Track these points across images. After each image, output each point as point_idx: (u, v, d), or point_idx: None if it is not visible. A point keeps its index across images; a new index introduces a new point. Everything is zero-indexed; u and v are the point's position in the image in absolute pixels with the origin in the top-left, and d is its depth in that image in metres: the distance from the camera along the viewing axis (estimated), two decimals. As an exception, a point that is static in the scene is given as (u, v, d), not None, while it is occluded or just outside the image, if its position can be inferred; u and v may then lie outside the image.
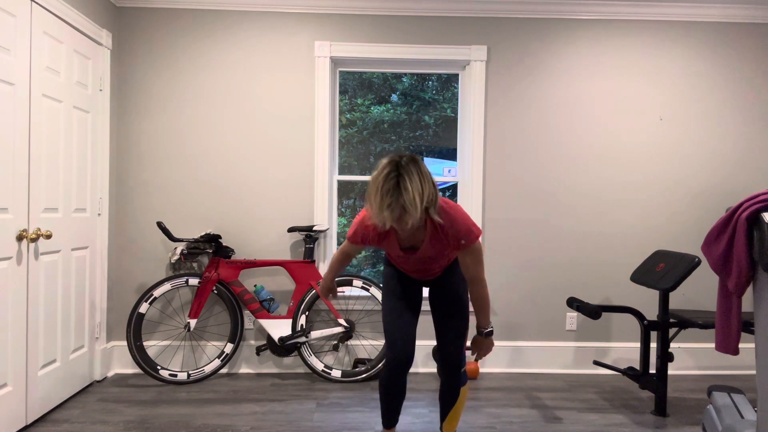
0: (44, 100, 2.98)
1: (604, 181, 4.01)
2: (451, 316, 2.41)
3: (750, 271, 2.00)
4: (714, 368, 4.06)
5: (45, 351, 3.03)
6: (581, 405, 3.35)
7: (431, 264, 2.38)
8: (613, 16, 3.96)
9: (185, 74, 3.87)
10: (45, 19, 2.97)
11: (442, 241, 2.24)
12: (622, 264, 4.03)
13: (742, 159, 4.04)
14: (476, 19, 3.95)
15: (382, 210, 1.98)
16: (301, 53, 3.90)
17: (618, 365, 4.01)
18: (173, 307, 3.89)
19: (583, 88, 3.99)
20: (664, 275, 3.14)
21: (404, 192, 1.96)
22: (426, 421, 3.04)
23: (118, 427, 2.92)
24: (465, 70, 4.04)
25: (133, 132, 3.86)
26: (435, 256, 2.31)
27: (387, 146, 4.18)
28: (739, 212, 1.99)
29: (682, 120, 4.02)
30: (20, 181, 2.77)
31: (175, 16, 3.85)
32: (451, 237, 2.21)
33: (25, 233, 2.78)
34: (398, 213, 1.99)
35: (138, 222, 3.87)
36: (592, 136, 4.00)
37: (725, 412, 2.36)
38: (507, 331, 4.02)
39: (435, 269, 2.42)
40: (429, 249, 2.26)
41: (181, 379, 3.61)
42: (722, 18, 3.98)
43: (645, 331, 3.19)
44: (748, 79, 4.02)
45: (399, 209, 1.98)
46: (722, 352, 2.12)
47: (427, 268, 2.40)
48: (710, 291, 4.06)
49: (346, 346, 3.94)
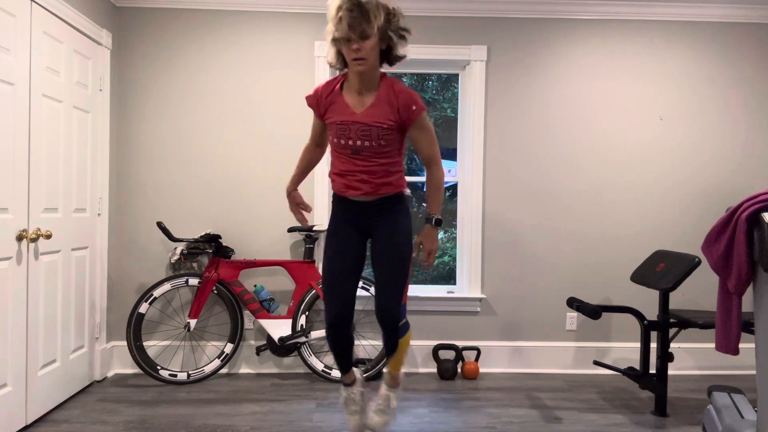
0: (44, 100, 2.98)
1: (604, 181, 4.01)
2: (390, 269, 2.34)
3: (750, 271, 2.00)
4: (714, 368, 4.06)
5: (45, 351, 3.03)
6: (581, 405, 3.35)
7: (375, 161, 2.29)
8: (613, 16, 3.96)
9: (185, 74, 3.87)
10: (45, 19, 2.97)
11: (392, 105, 2.21)
12: (622, 264, 4.03)
13: (742, 159, 4.04)
14: (476, 19, 3.95)
15: (338, 11, 2.04)
16: (301, 53, 3.90)
17: (618, 365, 4.01)
18: (173, 307, 3.89)
19: (583, 88, 3.99)
20: (664, 275, 3.14)
21: (364, 7, 2.02)
22: (426, 421, 3.04)
23: (118, 427, 2.92)
24: (465, 70, 4.04)
25: (133, 132, 3.86)
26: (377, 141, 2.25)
27: (387, 146, 4.17)
28: (739, 212, 1.99)
29: (682, 120, 4.02)
30: (20, 181, 2.77)
31: (175, 16, 3.85)
32: (401, 102, 2.20)
33: (25, 233, 2.78)
34: (357, 22, 2.02)
35: (138, 222, 3.87)
36: (592, 136, 4.00)
37: (725, 412, 2.36)
38: (507, 331, 4.02)
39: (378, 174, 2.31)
40: (373, 114, 2.21)
41: (181, 379, 3.61)
42: (722, 18, 3.98)
43: (645, 331, 3.19)
44: (748, 79, 4.02)
45: (357, 23, 2.01)
46: (722, 352, 2.12)
47: (371, 170, 2.30)
48: (710, 291, 4.06)
49: (346, 346, 3.94)
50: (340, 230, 2.41)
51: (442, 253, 4.19)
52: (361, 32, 2.05)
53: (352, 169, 2.32)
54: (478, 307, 3.99)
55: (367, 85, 2.24)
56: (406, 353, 2.57)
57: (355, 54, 2.11)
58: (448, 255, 4.19)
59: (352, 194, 2.35)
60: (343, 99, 2.28)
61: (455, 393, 3.53)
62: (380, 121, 2.22)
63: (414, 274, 4.19)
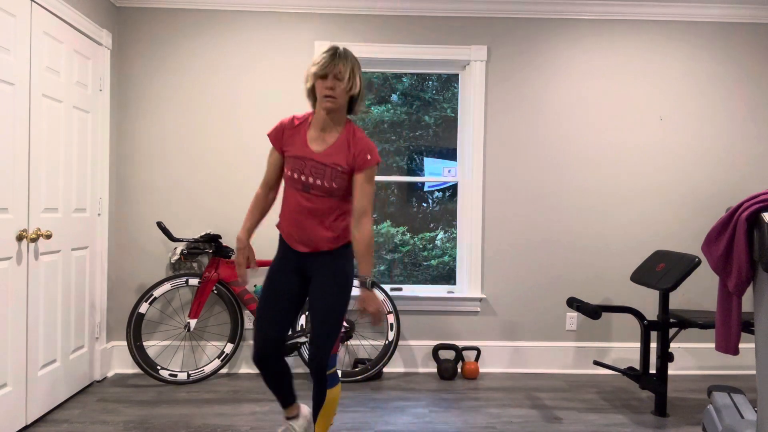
0: (44, 100, 2.98)
1: (604, 181, 4.01)
2: (322, 321, 2.34)
3: (750, 271, 2.00)
4: (714, 368, 4.06)
5: (45, 351, 3.03)
6: (581, 405, 3.35)
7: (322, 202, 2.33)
8: (613, 16, 3.96)
9: (185, 74, 3.87)
10: (45, 19, 2.97)
11: (349, 151, 2.33)
12: (622, 264, 4.03)
13: (742, 159, 4.04)
14: (476, 19, 3.95)
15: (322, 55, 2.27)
16: (301, 53, 3.90)
17: (618, 365, 4.01)
18: (173, 307, 3.89)
19: (583, 88, 3.99)
20: (664, 275, 3.14)
21: (343, 57, 2.26)
22: (426, 421, 3.04)
23: (118, 427, 2.92)
24: (465, 70, 4.04)
25: (133, 132, 3.86)
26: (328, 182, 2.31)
27: (387, 146, 4.18)
28: (739, 212, 1.99)
29: (682, 120, 4.02)
30: (20, 181, 2.77)
31: (175, 16, 3.85)
32: (359, 148, 2.33)
33: (25, 233, 2.78)
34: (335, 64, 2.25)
35: (138, 222, 3.87)
36: (592, 136, 4.00)
37: (725, 412, 2.36)
38: (507, 331, 4.02)
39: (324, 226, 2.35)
40: (330, 155, 2.32)
41: (181, 379, 3.61)
42: (722, 18, 3.98)
43: (645, 331, 3.19)
44: (748, 79, 4.02)
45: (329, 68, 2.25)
46: (722, 352, 2.12)
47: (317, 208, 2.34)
48: (710, 291, 4.06)
49: (346, 346, 3.94)
50: (280, 269, 2.45)
51: (442, 253, 4.19)
52: (336, 73, 2.26)
53: (299, 219, 2.36)
54: (478, 307, 3.99)
55: (332, 124, 2.36)
56: (334, 411, 2.49)
57: (328, 91, 2.26)
58: (448, 255, 4.19)
59: (300, 249, 2.40)
60: (305, 133, 2.39)
61: (455, 393, 3.53)
62: (336, 163, 2.32)
63: (414, 274, 4.19)
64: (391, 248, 4.20)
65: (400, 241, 4.20)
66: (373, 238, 2.40)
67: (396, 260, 4.20)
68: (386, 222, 4.20)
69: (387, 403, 3.33)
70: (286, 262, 2.44)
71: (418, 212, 4.24)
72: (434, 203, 4.24)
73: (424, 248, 4.21)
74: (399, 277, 4.21)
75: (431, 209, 4.25)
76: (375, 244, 4.13)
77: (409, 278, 4.21)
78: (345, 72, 2.27)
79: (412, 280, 4.20)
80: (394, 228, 4.20)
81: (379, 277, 4.19)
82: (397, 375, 3.88)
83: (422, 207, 4.25)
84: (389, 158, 4.18)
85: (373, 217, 2.43)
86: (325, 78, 2.26)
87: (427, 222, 4.24)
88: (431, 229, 4.23)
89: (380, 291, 3.73)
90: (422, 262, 4.22)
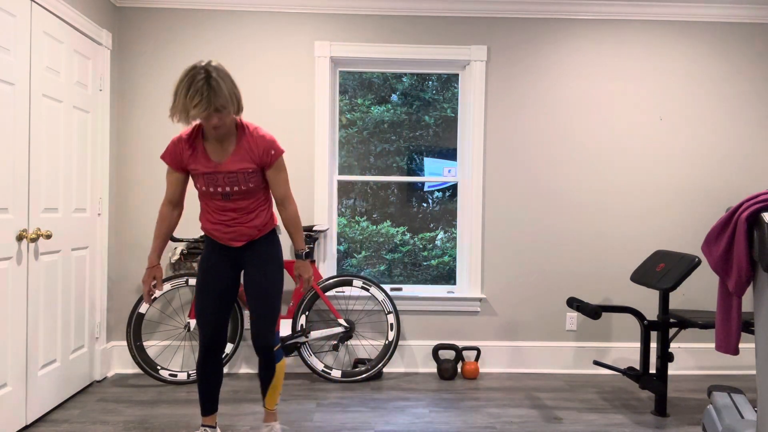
0: (44, 100, 2.98)
1: (604, 181, 4.01)
2: (263, 302, 2.48)
3: (750, 271, 2.00)
4: (714, 368, 4.06)
5: (45, 351, 3.03)
6: (581, 405, 3.35)
7: (245, 201, 2.45)
8: (613, 16, 3.96)
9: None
10: (45, 19, 2.97)
11: (253, 152, 2.38)
12: (622, 264, 4.03)
13: (742, 159, 4.04)
14: (476, 19, 3.95)
15: (187, 110, 2.15)
16: (301, 53, 3.90)
17: (618, 365, 4.01)
18: (173, 307, 3.89)
19: (582, 88, 3.99)
20: (664, 275, 3.14)
21: (217, 88, 2.15)
22: (426, 421, 3.04)
23: (118, 427, 2.92)
24: (465, 70, 4.04)
25: (133, 132, 3.86)
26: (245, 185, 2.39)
27: (387, 146, 4.18)
28: (739, 212, 1.99)
29: (682, 120, 4.02)
30: (20, 181, 2.77)
31: (175, 16, 3.85)
32: (261, 149, 2.38)
33: (25, 233, 2.78)
34: (209, 111, 2.16)
35: (138, 222, 3.87)
36: (592, 136, 4.00)
37: (725, 412, 2.36)
38: (507, 330, 4.02)
39: (249, 220, 2.47)
40: (237, 161, 2.37)
41: (181, 379, 3.61)
42: (722, 18, 3.98)
43: (645, 331, 3.19)
44: (748, 79, 4.02)
45: (210, 108, 2.16)
46: (722, 352, 2.12)
47: (242, 208, 2.45)
48: (710, 291, 4.06)
49: (346, 346, 3.94)
50: (211, 262, 2.52)
51: (442, 253, 4.19)
52: (218, 107, 2.20)
53: (225, 220, 2.46)
54: (478, 307, 3.99)
55: (227, 135, 2.39)
56: (281, 383, 2.64)
57: (216, 125, 2.26)
58: (448, 255, 4.19)
59: (234, 245, 2.51)
60: (203, 148, 2.41)
61: (455, 393, 3.53)
62: (245, 166, 2.39)
63: (414, 274, 4.19)
64: (391, 248, 4.20)
65: (400, 241, 4.20)
66: (299, 216, 2.55)
67: (396, 260, 4.20)
68: (386, 222, 4.20)
69: (387, 403, 3.33)
70: (219, 258, 2.52)
71: (418, 212, 4.24)
72: (434, 203, 4.24)
73: (424, 248, 4.21)
74: (399, 277, 4.21)
75: (431, 209, 4.25)
76: (375, 244, 4.15)
77: (409, 278, 4.21)
78: (225, 101, 2.19)
79: (412, 280, 4.20)
80: (394, 228, 4.20)
81: (379, 277, 4.19)
82: (397, 375, 3.89)
83: (422, 207, 4.25)
84: (389, 158, 4.18)
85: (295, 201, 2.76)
86: (209, 118, 2.22)
87: (427, 222, 4.24)
88: (431, 229, 4.23)
89: (380, 291, 3.73)
90: (422, 262, 4.22)
